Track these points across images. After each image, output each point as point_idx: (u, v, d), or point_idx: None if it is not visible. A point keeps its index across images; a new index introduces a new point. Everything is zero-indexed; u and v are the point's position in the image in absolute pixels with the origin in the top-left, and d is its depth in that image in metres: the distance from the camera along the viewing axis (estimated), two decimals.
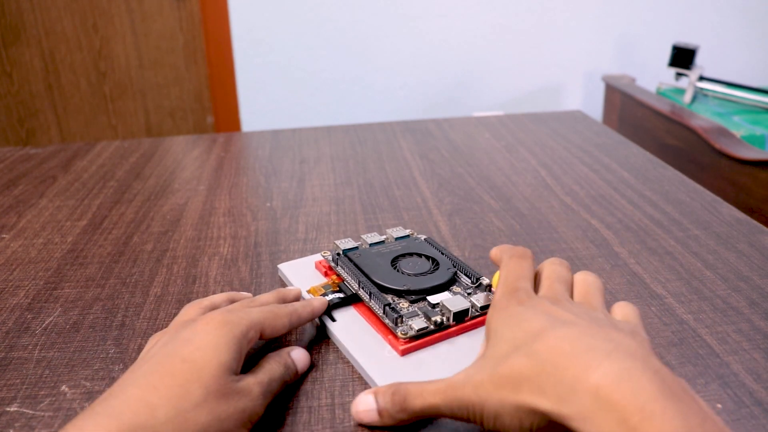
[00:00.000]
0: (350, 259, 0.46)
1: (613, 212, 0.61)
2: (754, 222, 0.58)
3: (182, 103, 2.32)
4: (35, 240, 0.58)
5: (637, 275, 0.49)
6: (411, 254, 0.47)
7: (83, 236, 0.58)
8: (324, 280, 0.47)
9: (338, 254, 0.47)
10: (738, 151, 1.38)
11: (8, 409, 0.36)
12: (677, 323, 0.43)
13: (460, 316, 0.40)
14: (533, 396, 0.28)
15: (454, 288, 0.44)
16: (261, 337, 0.37)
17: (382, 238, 0.49)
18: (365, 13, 2.18)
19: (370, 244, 0.49)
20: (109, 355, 0.41)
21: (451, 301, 0.40)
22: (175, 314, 0.45)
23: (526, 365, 0.29)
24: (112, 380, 0.38)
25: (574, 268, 0.50)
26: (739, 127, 1.64)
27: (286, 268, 0.49)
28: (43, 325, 0.44)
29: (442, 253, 0.47)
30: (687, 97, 1.87)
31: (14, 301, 0.47)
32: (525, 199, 0.64)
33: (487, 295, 0.43)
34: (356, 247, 0.48)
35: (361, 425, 0.34)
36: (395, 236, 0.50)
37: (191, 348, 0.33)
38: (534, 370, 0.28)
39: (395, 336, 0.39)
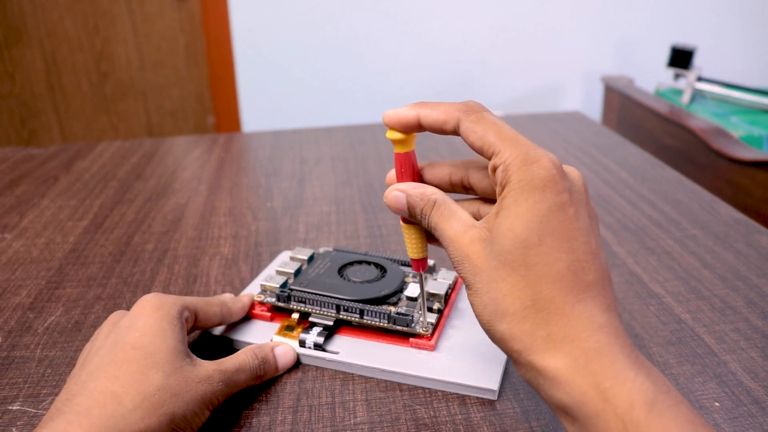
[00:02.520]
0: (303, 290, 0.42)
1: (611, 212, 0.61)
2: (752, 222, 0.58)
3: (183, 103, 2.32)
4: (37, 240, 0.58)
5: (635, 275, 0.50)
6: (345, 266, 0.45)
7: (85, 236, 0.58)
8: (271, 324, 0.42)
9: (284, 291, 0.42)
10: (736, 152, 1.39)
11: (11, 407, 0.36)
12: (675, 322, 0.43)
13: (447, 296, 0.43)
14: None
15: (410, 279, 0.44)
16: (196, 323, 0.38)
17: (297, 264, 0.45)
18: (365, 14, 2.18)
19: (295, 273, 0.44)
20: None
21: (432, 286, 0.42)
22: None
23: None
24: None
25: None
26: (737, 127, 1.65)
27: (233, 334, 0.42)
28: (45, 325, 0.44)
29: (367, 254, 0.47)
30: (685, 98, 1.87)
31: (16, 301, 0.48)
32: None
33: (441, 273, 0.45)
34: (286, 281, 0.43)
35: (361, 422, 0.35)
36: (305, 257, 0.46)
37: (136, 334, 0.33)
38: None
39: (419, 336, 0.39)
